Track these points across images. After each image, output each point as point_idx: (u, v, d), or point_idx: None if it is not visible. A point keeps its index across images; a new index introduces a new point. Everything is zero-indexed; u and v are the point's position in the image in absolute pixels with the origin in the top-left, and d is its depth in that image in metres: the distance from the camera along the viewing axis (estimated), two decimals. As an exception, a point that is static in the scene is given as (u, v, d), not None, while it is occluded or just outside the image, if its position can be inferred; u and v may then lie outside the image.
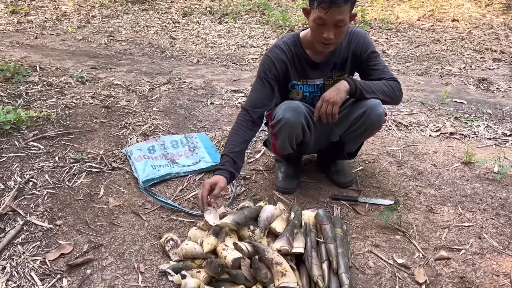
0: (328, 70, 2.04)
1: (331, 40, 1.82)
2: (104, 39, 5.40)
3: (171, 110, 3.27)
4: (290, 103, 1.95)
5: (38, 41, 5.30)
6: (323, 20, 1.77)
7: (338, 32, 1.81)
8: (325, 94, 1.89)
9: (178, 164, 2.40)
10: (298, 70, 2.03)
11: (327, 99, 1.87)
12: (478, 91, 3.64)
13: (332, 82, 2.05)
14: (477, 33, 5.38)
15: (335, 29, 1.79)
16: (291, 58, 2.00)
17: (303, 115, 1.92)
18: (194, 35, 5.67)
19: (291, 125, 1.91)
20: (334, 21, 1.76)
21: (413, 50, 4.82)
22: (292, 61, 2.01)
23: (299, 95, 2.08)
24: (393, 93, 1.96)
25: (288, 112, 1.90)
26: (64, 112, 3.09)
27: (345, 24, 1.79)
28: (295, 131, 1.94)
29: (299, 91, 2.07)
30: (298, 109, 1.91)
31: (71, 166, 2.40)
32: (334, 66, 2.03)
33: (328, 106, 1.87)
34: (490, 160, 2.42)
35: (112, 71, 4.14)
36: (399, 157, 2.53)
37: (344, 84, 1.89)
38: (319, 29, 1.81)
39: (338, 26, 1.78)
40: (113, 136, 2.79)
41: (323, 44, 1.86)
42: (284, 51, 1.98)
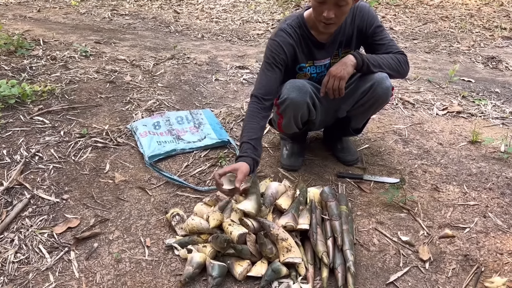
0: (334, 49, 2.00)
1: (332, 19, 1.76)
2: (107, 13, 5.32)
3: (176, 86, 3.25)
4: (295, 81, 1.92)
5: (41, 14, 5.23)
6: None
7: (339, 12, 1.75)
8: (331, 69, 1.86)
9: (183, 140, 2.40)
10: (305, 52, 1.98)
11: (334, 74, 1.85)
12: (486, 69, 3.59)
13: (339, 60, 1.99)
14: (487, 10, 5.27)
15: (335, 8, 1.73)
16: (298, 40, 1.94)
17: (308, 94, 1.89)
18: (198, 10, 5.58)
19: (297, 104, 1.89)
20: (334, 0, 1.71)
21: (421, 27, 4.73)
22: (299, 43, 1.95)
23: (306, 76, 2.05)
24: (400, 66, 1.93)
25: (293, 91, 1.87)
26: (69, 86, 3.07)
27: (347, 3, 1.73)
28: (300, 110, 1.92)
29: (306, 73, 2.04)
30: (303, 88, 1.89)
31: (77, 140, 2.40)
32: (340, 44, 1.99)
33: (335, 81, 1.85)
34: (497, 139, 2.41)
35: (116, 46, 4.10)
36: (405, 135, 2.51)
37: (350, 58, 1.86)
38: (319, 7, 1.76)
39: (338, 5, 1.73)
40: (118, 112, 2.79)
41: (324, 24, 1.80)
42: (290, 34, 1.92)
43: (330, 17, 1.74)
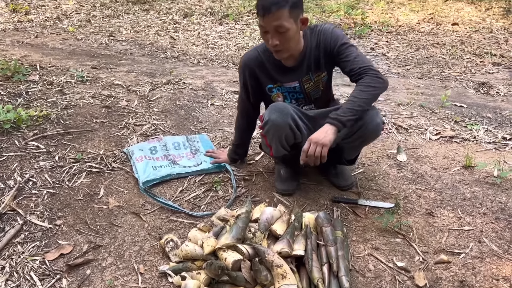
0: (303, 73, 2.05)
1: (277, 46, 1.85)
2: (104, 39, 5.39)
3: (172, 110, 3.27)
4: (277, 104, 1.97)
5: (38, 40, 5.29)
6: (264, 28, 1.83)
7: (283, 38, 1.83)
8: (312, 136, 1.84)
9: (179, 165, 2.40)
10: (269, 75, 2.07)
11: (316, 141, 1.82)
12: (478, 95, 3.65)
13: (312, 84, 2.08)
14: (477, 37, 5.39)
15: (277, 35, 1.82)
16: (261, 63, 2.05)
17: (289, 116, 1.92)
18: (194, 36, 5.67)
19: (278, 126, 1.92)
20: (272, 27, 1.80)
21: (413, 53, 4.83)
22: (262, 66, 2.06)
23: (279, 97, 2.13)
24: (376, 90, 1.86)
25: (274, 113, 1.92)
26: (64, 111, 3.08)
27: (287, 29, 1.81)
28: (283, 131, 1.94)
29: (278, 93, 2.11)
30: (284, 110, 1.92)
31: (71, 165, 2.40)
32: (308, 68, 2.04)
33: (317, 148, 1.81)
34: (490, 164, 2.43)
35: (113, 71, 4.14)
36: (399, 160, 2.53)
37: (328, 126, 1.83)
38: (264, 36, 1.87)
39: (279, 32, 1.81)
40: (113, 136, 2.79)
41: (274, 51, 1.91)
42: (253, 58, 2.05)
43: (274, 44, 1.84)
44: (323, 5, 6.93)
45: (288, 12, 1.78)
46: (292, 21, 1.81)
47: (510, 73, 4.15)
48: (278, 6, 1.75)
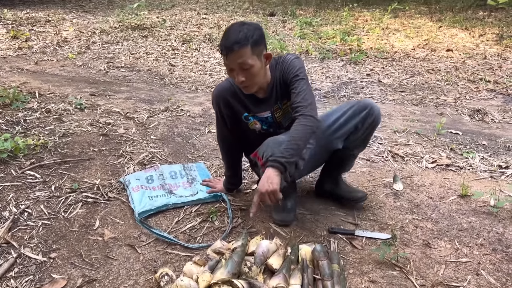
0: (273, 103, 2.12)
1: (244, 82, 1.92)
2: (103, 65, 5.45)
3: (169, 138, 3.28)
4: (276, 138, 1.99)
5: (38, 67, 5.35)
6: (228, 66, 1.91)
7: (248, 75, 1.90)
8: (258, 187, 1.83)
9: (176, 195, 2.40)
10: (243, 104, 2.12)
11: (263, 191, 1.80)
12: (473, 121, 3.68)
13: (282, 112, 2.15)
14: (471, 63, 5.47)
15: (243, 72, 1.89)
16: (234, 93, 2.09)
17: None
18: (193, 62, 5.74)
19: None
20: (237, 65, 1.87)
21: (408, 80, 4.89)
22: (235, 96, 2.10)
23: (256, 124, 2.17)
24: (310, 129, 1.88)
25: (276, 148, 1.91)
26: (62, 139, 3.09)
27: (251, 66, 1.87)
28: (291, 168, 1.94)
29: (255, 121, 2.16)
30: None
31: (67, 196, 2.39)
32: (277, 98, 2.11)
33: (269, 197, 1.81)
34: (486, 193, 2.43)
35: (111, 98, 4.17)
36: (395, 189, 2.53)
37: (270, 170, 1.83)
38: (230, 73, 1.95)
39: (243, 68, 1.88)
40: (110, 165, 2.79)
41: (242, 87, 1.98)
42: (226, 88, 2.09)
43: (240, 80, 1.91)
44: (319, 31, 7.05)
45: (250, 50, 1.85)
46: (255, 57, 1.88)
47: (504, 100, 4.20)
48: (240, 45, 1.82)
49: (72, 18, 8.52)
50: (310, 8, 9.42)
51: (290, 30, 7.32)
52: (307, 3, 9.96)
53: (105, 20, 8.19)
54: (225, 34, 1.88)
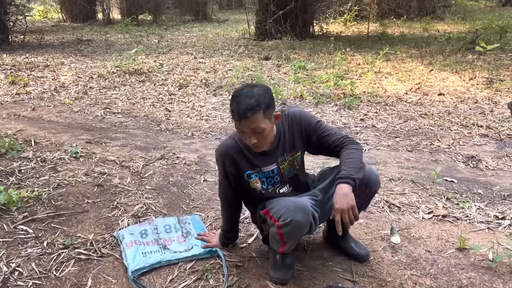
0: (279, 155, 2.15)
1: (255, 144, 1.98)
2: (100, 111, 5.50)
3: (164, 188, 3.27)
4: (295, 202, 1.98)
5: (35, 113, 5.38)
6: (240, 129, 1.95)
7: (260, 137, 1.97)
8: (336, 206, 1.87)
9: (170, 250, 2.36)
10: (248, 161, 2.13)
11: (342, 209, 1.86)
12: (467, 168, 3.70)
13: (287, 164, 2.17)
14: (463, 107, 5.55)
15: (255, 134, 1.95)
16: (239, 151, 2.11)
17: (311, 213, 1.96)
18: (189, 108, 5.80)
19: (303, 226, 1.96)
20: (250, 129, 1.93)
21: (402, 125, 4.94)
22: (241, 153, 2.11)
23: (258, 183, 2.17)
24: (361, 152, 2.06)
25: (298, 213, 1.92)
26: (56, 191, 3.07)
27: (263, 129, 1.94)
28: (305, 231, 2.01)
29: (256, 179, 2.16)
30: (305, 209, 1.95)
31: (60, 252, 2.35)
32: (284, 150, 2.15)
33: (349, 214, 1.87)
34: (484, 246, 2.41)
35: (107, 146, 4.18)
36: (393, 242, 2.50)
37: (343, 186, 1.91)
38: (242, 136, 2.00)
39: (256, 132, 1.94)
40: (104, 218, 2.76)
41: (253, 147, 2.03)
42: (231, 147, 2.11)
43: (253, 142, 1.97)
44: (313, 75, 7.19)
45: (262, 114, 1.91)
46: (267, 120, 1.94)
47: (497, 145, 4.24)
48: (253, 111, 1.87)
49: (71, 63, 8.66)
50: (304, 52, 9.65)
51: (285, 74, 7.45)
52: (301, 48, 10.21)
53: (103, 64, 8.34)
54: (236, 99, 1.90)
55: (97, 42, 11.66)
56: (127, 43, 11.31)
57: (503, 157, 3.91)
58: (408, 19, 14.94)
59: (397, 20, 14.92)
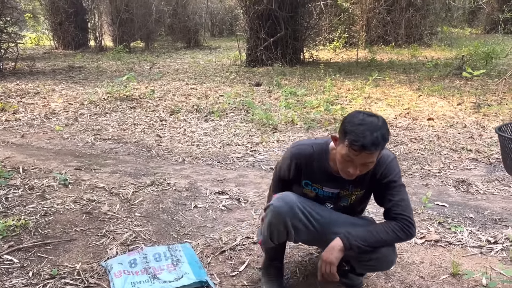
0: (345, 184, 2.07)
1: (355, 175, 1.88)
2: (90, 138, 5.47)
3: (154, 215, 3.22)
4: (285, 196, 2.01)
5: (24, 140, 5.34)
6: (351, 159, 1.82)
7: (365, 169, 1.87)
8: (323, 254, 1.93)
9: (159, 280, 2.31)
10: (313, 174, 2.08)
11: (324, 259, 1.90)
12: (458, 192, 3.71)
13: (347, 194, 2.10)
14: (452, 132, 5.62)
15: (362, 167, 1.85)
16: (310, 162, 2.05)
17: (289, 215, 1.96)
18: (180, 133, 5.79)
19: (280, 216, 1.97)
20: (363, 162, 1.82)
21: (392, 149, 4.97)
22: (310, 165, 2.06)
23: (312, 193, 2.13)
24: (398, 239, 1.94)
25: (280, 201, 1.98)
26: (44, 219, 3.01)
27: (373, 162, 1.85)
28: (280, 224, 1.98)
29: (311, 191, 2.13)
30: (289, 203, 1.97)
31: (46, 283, 2.29)
32: (353, 181, 2.04)
33: (326, 266, 1.88)
34: (477, 271, 2.39)
35: (96, 172, 4.13)
36: (386, 268, 2.48)
37: (337, 242, 1.90)
38: (345, 163, 1.86)
39: (366, 165, 1.85)
40: (92, 246, 2.71)
41: (346, 176, 1.92)
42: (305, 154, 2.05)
43: (356, 174, 1.87)
44: (304, 101, 7.26)
45: (380, 151, 1.83)
46: (378, 155, 1.86)
47: (487, 169, 4.27)
48: (377, 148, 1.77)
49: (62, 89, 8.66)
50: (295, 78, 9.77)
51: (276, 100, 7.52)
52: (292, 74, 10.34)
53: (94, 91, 8.35)
54: (360, 127, 1.77)
55: (89, 69, 11.71)
56: (119, 70, 11.37)
57: (493, 181, 3.93)
58: (396, 46, 15.27)
59: (385, 47, 15.24)
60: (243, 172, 4.35)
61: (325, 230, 2.05)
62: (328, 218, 2.08)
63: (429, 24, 16.07)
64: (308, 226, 2.03)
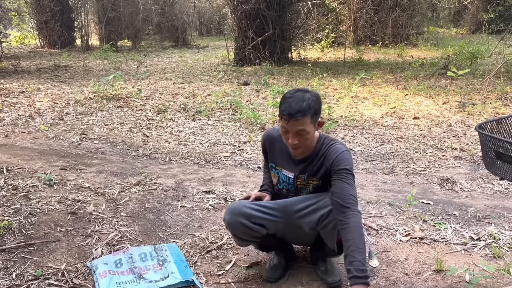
0: (302, 171, 2.20)
1: (296, 144, 2.07)
2: (76, 137, 5.41)
3: (140, 215, 3.20)
4: (231, 205, 2.18)
5: (8, 140, 5.26)
6: (286, 129, 2.05)
7: (302, 139, 2.06)
8: None
9: (145, 280, 2.30)
10: (276, 157, 2.29)
11: None
12: (443, 190, 3.76)
13: (304, 183, 2.21)
14: (437, 131, 5.69)
15: (298, 136, 2.04)
16: (273, 143, 2.28)
17: (241, 215, 2.10)
18: (167, 133, 5.77)
19: (230, 225, 2.14)
20: (295, 130, 2.02)
21: (378, 148, 5.02)
22: (273, 146, 2.29)
23: (275, 177, 2.31)
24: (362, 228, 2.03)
25: (227, 214, 2.14)
26: (28, 219, 2.98)
27: (307, 132, 2.04)
28: (237, 230, 2.14)
29: (275, 174, 2.31)
30: (235, 210, 2.12)
31: (29, 284, 2.26)
32: (306, 171, 2.20)
33: None
34: (460, 268, 2.42)
35: (82, 172, 4.09)
36: (371, 265, 2.50)
37: None
38: (285, 135, 2.09)
39: (300, 134, 2.04)
40: (77, 247, 2.68)
41: (292, 148, 2.12)
42: (270, 136, 2.31)
43: (294, 143, 2.06)
44: (292, 100, 7.28)
45: (310, 119, 2.01)
46: (312, 125, 2.05)
47: (471, 167, 4.33)
48: (303, 114, 1.97)
49: (47, 89, 8.56)
50: (282, 77, 9.79)
51: (264, 99, 7.53)
52: (279, 73, 10.36)
53: (81, 90, 8.27)
54: (289, 99, 2.00)
55: (75, 68, 11.59)
56: (105, 69, 11.28)
57: (477, 179, 3.99)
58: (383, 46, 15.41)
59: (372, 47, 15.37)
60: (231, 171, 4.34)
61: (287, 214, 2.16)
62: (283, 203, 2.20)
63: (415, 24, 16.25)
64: (267, 217, 2.14)
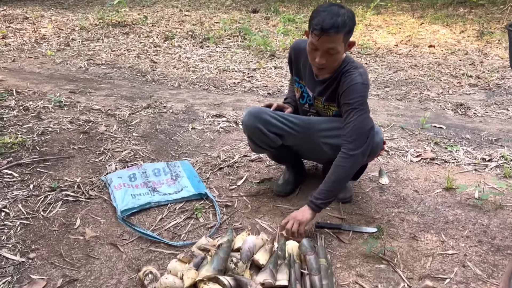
0: (320, 93, 2.09)
1: (323, 65, 1.91)
2: (83, 63, 5.34)
3: (152, 135, 3.22)
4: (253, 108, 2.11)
5: (15, 64, 5.21)
6: (315, 46, 1.86)
7: (330, 59, 1.89)
8: (292, 213, 1.96)
9: (159, 192, 2.35)
10: (300, 71, 2.17)
11: (293, 217, 1.92)
12: (456, 116, 3.71)
13: (322, 107, 2.13)
14: (453, 59, 5.52)
15: (326, 55, 1.88)
16: (301, 55, 2.12)
17: (261, 121, 2.04)
18: (175, 59, 5.66)
19: (248, 128, 2.09)
20: (325, 48, 1.85)
21: (392, 75, 4.91)
22: (300, 58, 2.14)
23: (298, 92, 2.22)
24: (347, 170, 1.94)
25: (246, 115, 2.08)
26: (41, 138, 3.00)
27: (337, 52, 1.87)
28: (254, 134, 2.09)
29: (298, 89, 2.22)
30: (254, 113, 2.06)
31: (47, 194, 2.32)
32: (327, 96, 2.07)
33: (294, 224, 1.90)
34: (470, 186, 2.44)
35: (92, 95, 4.08)
36: (381, 183, 2.52)
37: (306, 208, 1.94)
38: (312, 53, 1.91)
39: (329, 53, 1.87)
40: (91, 163, 2.72)
41: (317, 68, 1.96)
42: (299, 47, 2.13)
43: (321, 63, 1.90)
44: (302, 28, 7.04)
45: (343, 36, 1.83)
46: (343, 44, 1.87)
47: (486, 94, 4.24)
48: (337, 30, 1.78)
49: (51, 15, 8.33)
50: (293, 4, 9.42)
51: (274, 27, 7.28)
52: (290, 1, 9.95)
53: (85, 17, 8.04)
54: (322, 13, 1.80)
55: (78, -6, 11.20)
56: (109, -4, 10.88)
57: (492, 105, 3.92)
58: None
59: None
60: (240, 97, 4.30)
61: (309, 131, 2.07)
62: (306, 119, 2.13)
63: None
64: (286, 129, 2.07)
